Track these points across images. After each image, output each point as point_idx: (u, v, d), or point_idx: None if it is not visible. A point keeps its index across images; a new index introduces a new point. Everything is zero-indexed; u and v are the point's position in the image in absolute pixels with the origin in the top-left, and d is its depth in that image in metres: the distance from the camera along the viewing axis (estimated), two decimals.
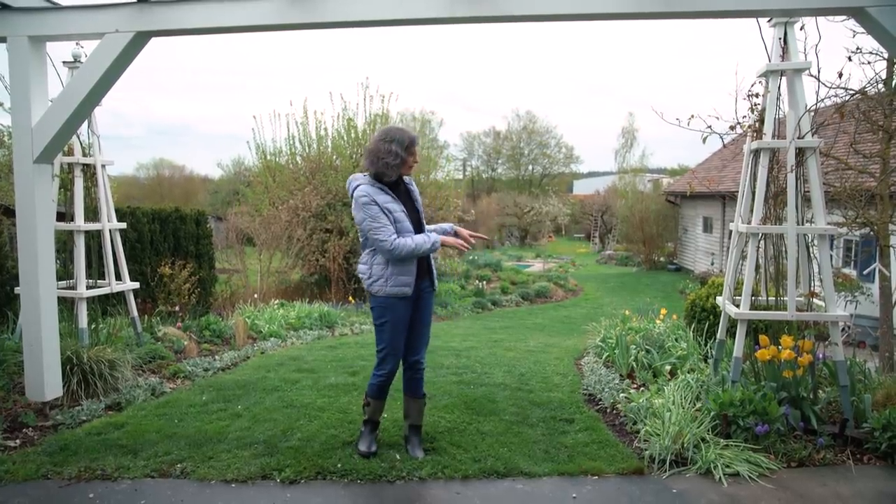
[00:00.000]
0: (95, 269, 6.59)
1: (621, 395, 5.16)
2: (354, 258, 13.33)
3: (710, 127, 5.13)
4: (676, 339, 6.39)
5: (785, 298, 4.73)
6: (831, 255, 5.13)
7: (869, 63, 5.44)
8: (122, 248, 6.80)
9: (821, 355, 4.85)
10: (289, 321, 8.98)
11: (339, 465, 3.99)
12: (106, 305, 7.31)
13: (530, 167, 54.17)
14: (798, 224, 4.63)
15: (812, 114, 4.71)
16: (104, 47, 4.62)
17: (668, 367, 5.69)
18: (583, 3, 4.22)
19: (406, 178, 4.26)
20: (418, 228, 4.15)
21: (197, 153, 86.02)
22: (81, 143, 6.42)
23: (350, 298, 12.53)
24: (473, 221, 25.72)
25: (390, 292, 4.03)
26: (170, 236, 10.31)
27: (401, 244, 3.91)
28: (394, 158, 3.97)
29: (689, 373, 5.27)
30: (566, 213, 38.58)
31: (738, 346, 4.69)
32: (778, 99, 4.73)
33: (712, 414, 4.34)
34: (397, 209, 4.01)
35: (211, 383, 5.88)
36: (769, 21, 4.71)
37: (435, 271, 4.30)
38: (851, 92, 5.19)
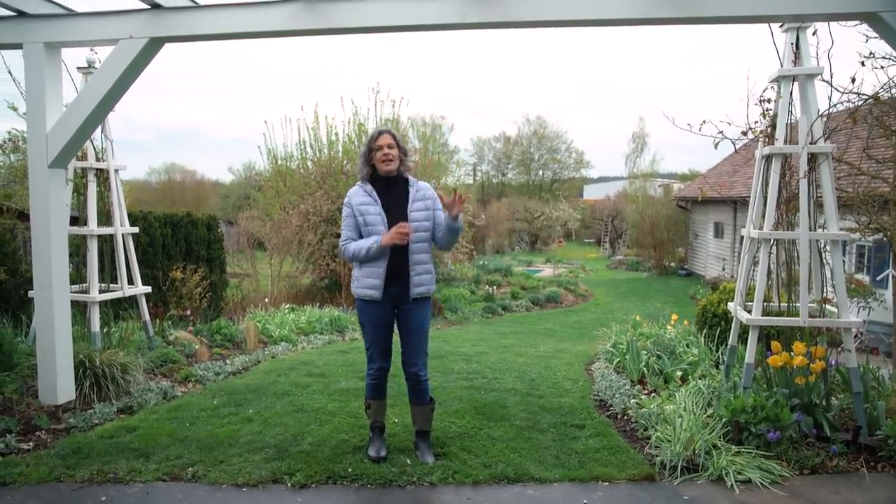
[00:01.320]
0: (108, 273, 6.64)
1: (632, 400, 5.13)
2: None
3: (721, 132, 5.11)
4: (687, 345, 6.36)
5: (797, 304, 4.71)
6: (844, 261, 5.10)
7: (882, 68, 5.40)
8: (135, 253, 6.86)
9: (833, 362, 4.81)
10: (299, 325, 9.00)
11: (349, 470, 3.99)
12: (118, 309, 7.36)
13: (540, 172, 54.07)
14: (810, 230, 4.60)
15: (824, 119, 4.69)
16: (118, 53, 4.67)
17: (679, 373, 5.66)
18: (593, 9, 4.23)
19: (412, 180, 4.25)
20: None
21: (207, 158, 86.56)
22: (95, 148, 6.48)
23: None
24: (484, 226, 25.71)
25: (360, 294, 4.17)
26: (181, 240, 10.37)
27: (344, 248, 4.16)
28: (361, 158, 4.24)
29: (700, 379, 5.24)
30: (576, 218, 38.48)
31: (750, 353, 4.66)
32: (790, 104, 4.71)
33: (724, 420, 4.32)
34: (373, 211, 4.10)
35: (222, 387, 5.91)
36: (781, 26, 4.69)
37: (414, 281, 4.11)
38: (864, 97, 5.15)
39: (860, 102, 5.12)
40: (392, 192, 4.17)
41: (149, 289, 6.96)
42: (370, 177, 4.21)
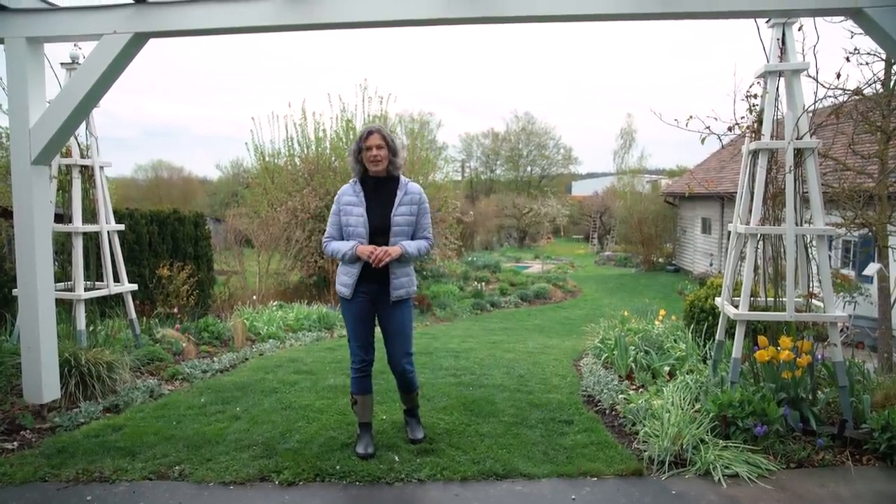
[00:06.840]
0: (93, 271, 6.57)
1: (620, 396, 5.15)
2: None
3: (708, 128, 5.13)
4: (675, 340, 6.38)
5: (784, 299, 4.73)
6: (830, 256, 5.13)
7: (867, 64, 5.44)
8: (121, 250, 6.79)
9: (819, 356, 4.84)
10: (287, 323, 8.97)
11: (337, 467, 3.98)
12: (104, 307, 7.30)
13: (529, 168, 54.19)
14: (797, 225, 4.62)
15: (810, 114, 4.71)
16: (102, 48, 4.61)
17: (666, 369, 5.68)
18: (580, 4, 4.22)
19: (403, 180, 4.20)
20: (379, 234, 4.09)
21: (192, 154, 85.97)
22: (79, 145, 6.41)
23: None
24: (472, 222, 25.73)
25: (337, 290, 4.24)
26: (168, 238, 10.30)
27: (325, 244, 4.24)
28: (351, 156, 4.22)
29: (687, 374, 5.26)
30: (565, 214, 38.59)
31: (737, 347, 4.68)
32: (776, 100, 4.73)
33: (711, 415, 4.34)
34: (355, 213, 4.10)
35: (209, 385, 5.87)
36: (767, 22, 4.71)
37: (394, 284, 4.11)
38: (849, 92, 5.19)
39: (845, 98, 5.15)
40: (380, 192, 4.15)
41: (135, 286, 6.90)
42: (361, 175, 4.19)
